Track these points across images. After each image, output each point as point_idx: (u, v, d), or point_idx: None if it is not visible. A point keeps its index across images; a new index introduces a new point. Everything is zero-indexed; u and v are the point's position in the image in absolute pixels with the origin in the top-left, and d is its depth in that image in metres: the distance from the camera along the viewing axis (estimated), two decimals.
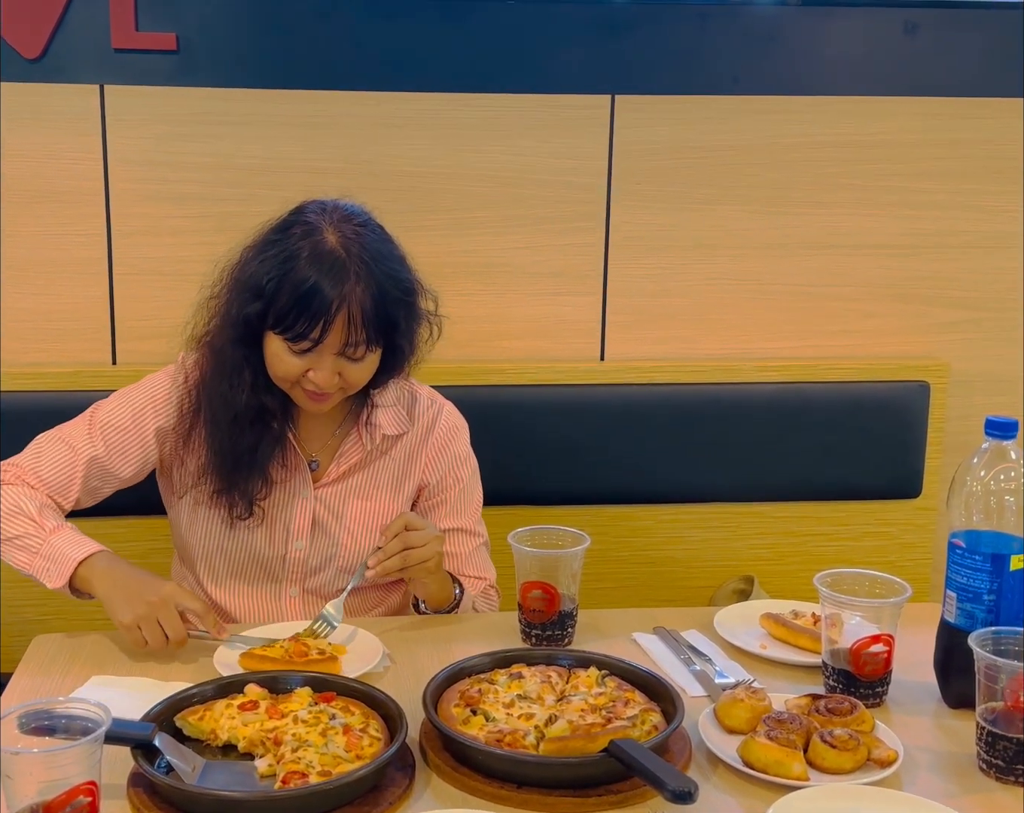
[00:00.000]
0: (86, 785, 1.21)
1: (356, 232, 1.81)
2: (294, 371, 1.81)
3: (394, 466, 2.00)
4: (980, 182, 2.63)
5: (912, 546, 2.71)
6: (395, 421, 1.98)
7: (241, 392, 1.84)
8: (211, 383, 1.88)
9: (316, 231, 1.79)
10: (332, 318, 1.75)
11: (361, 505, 1.98)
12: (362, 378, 1.86)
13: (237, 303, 1.82)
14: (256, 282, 1.79)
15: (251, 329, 1.82)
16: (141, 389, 1.96)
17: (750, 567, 2.63)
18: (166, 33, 2.33)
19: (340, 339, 1.78)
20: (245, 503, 1.89)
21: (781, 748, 1.41)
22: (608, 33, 2.45)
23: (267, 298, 1.78)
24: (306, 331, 1.76)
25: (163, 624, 1.69)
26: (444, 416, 2.04)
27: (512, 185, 2.50)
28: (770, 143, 2.56)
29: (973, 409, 2.66)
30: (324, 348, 1.78)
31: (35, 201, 2.38)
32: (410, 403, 2.02)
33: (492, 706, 1.49)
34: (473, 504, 2.07)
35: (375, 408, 1.96)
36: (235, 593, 1.99)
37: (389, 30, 2.40)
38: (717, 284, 2.60)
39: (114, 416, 1.93)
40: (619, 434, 2.55)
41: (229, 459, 1.86)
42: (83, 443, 1.90)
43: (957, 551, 1.59)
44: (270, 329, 1.80)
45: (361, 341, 1.79)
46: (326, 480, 1.96)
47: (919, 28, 2.54)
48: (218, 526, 1.94)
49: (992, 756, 1.43)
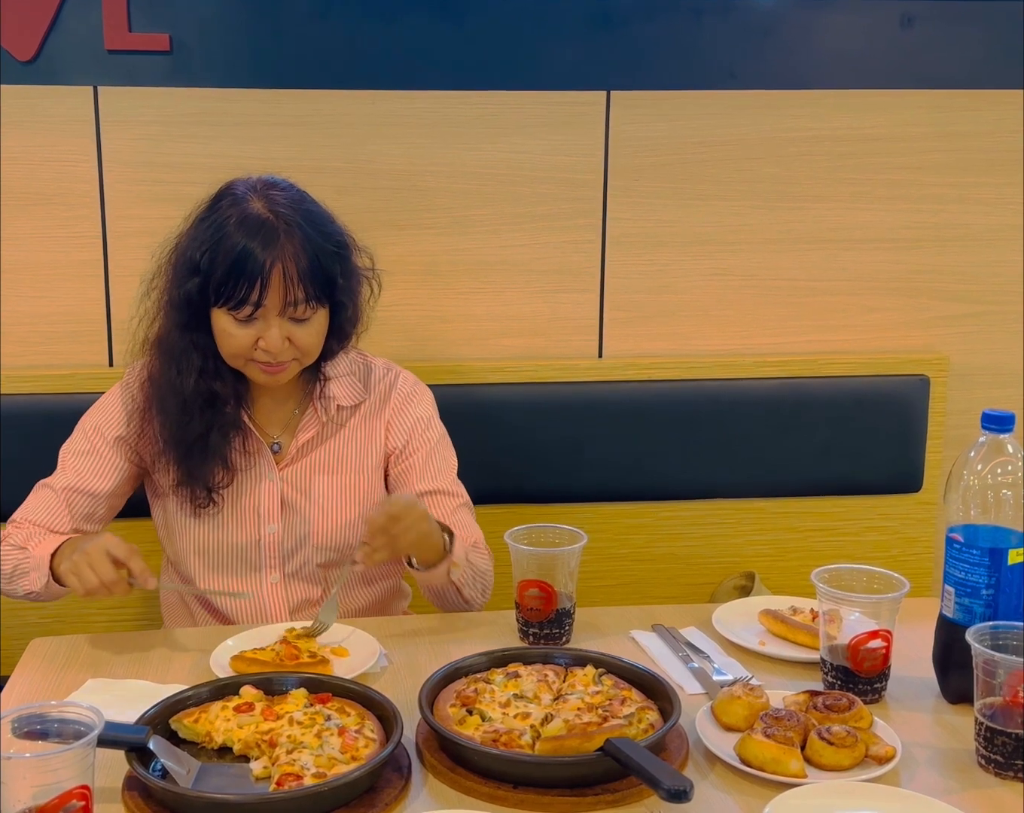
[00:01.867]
0: (79, 789, 1.21)
1: (282, 195, 1.86)
2: (244, 343, 1.84)
3: (355, 438, 2.01)
4: (980, 175, 2.62)
5: (913, 541, 2.70)
6: (349, 392, 2.00)
7: (189, 377, 1.87)
8: (159, 374, 1.90)
9: (243, 200, 1.84)
10: (268, 276, 1.79)
11: (328, 480, 1.98)
12: (313, 342, 1.88)
13: (176, 284, 1.86)
14: (191, 259, 1.83)
15: (194, 309, 1.85)
16: (92, 410, 2.01)
17: (751, 563, 2.62)
18: (159, 34, 2.32)
19: (279, 298, 1.81)
20: (204, 491, 1.91)
21: (778, 745, 1.40)
22: (603, 28, 2.44)
23: (204, 272, 1.81)
24: (245, 295, 1.79)
25: (93, 568, 1.71)
26: (401, 381, 2.06)
27: (508, 182, 2.49)
28: (767, 137, 2.55)
29: (973, 403, 2.65)
30: (267, 311, 1.81)
31: (30, 204, 2.37)
32: (365, 374, 2.04)
33: (488, 706, 1.48)
34: (447, 466, 2.05)
35: (328, 381, 1.98)
36: (217, 586, 1.98)
37: (384, 29, 2.39)
38: (715, 280, 2.60)
39: (73, 444, 1.99)
40: (618, 431, 2.54)
41: (181, 447, 1.88)
42: (57, 479, 1.96)
43: (955, 546, 1.58)
44: (213, 304, 1.83)
45: (300, 298, 1.82)
46: (288, 459, 1.97)
47: (916, 20, 2.53)
48: (188, 519, 1.95)
49: (991, 752, 1.42)
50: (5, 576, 1.88)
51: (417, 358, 2.16)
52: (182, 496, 1.93)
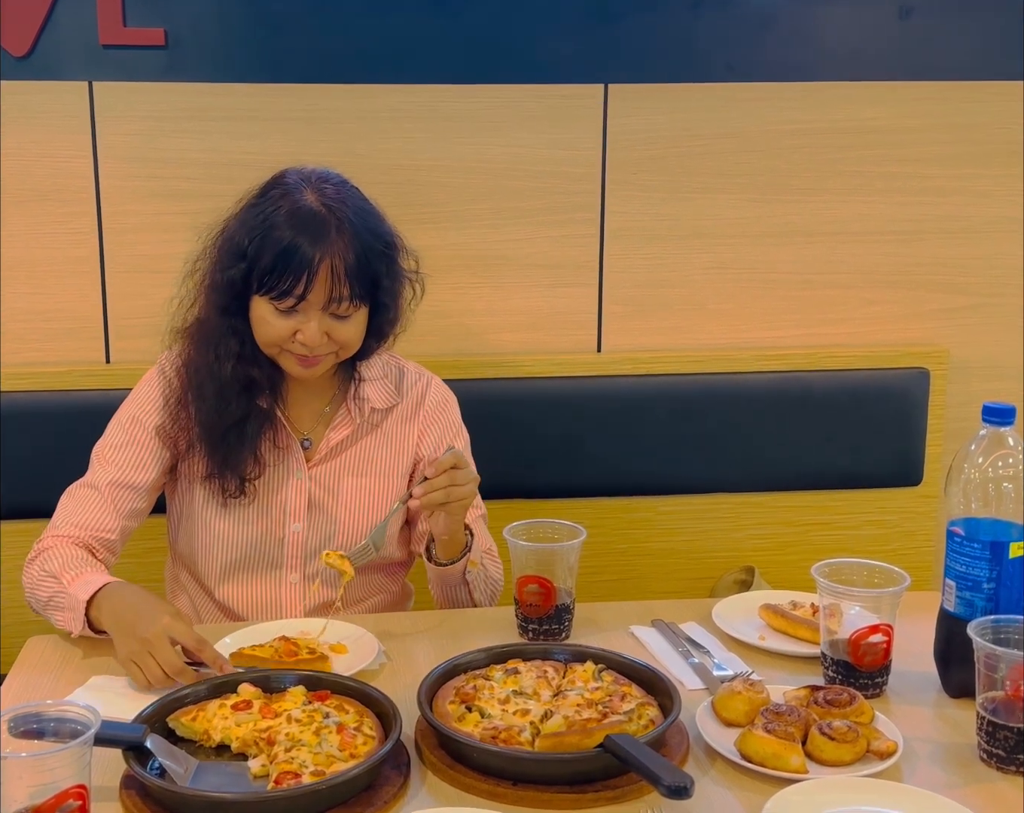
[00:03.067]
0: (76, 788, 1.20)
1: (335, 190, 1.85)
2: (282, 333, 1.82)
3: (387, 441, 2.01)
4: (979, 167, 2.61)
5: (913, 534, 2.70)
6: (383, 394, 2.00)
7: (227, 362, 1.85)
8: (197, 357, 1.89)
9: (295, 191, 1.83)
10: (315, 271, 1.77)
11: (356, 482, 1.98)
12: (350, 338, 1.87)
13: (221, 268, 1.84)
14: (238, 245, 1.81)
15: (236, 294, 1.83)
16: (127, 403, 1.98)
17: (750, 558, 2.62)
18: (154, 28, 2.31)
19: (324, 294, 1.79)
20: (237, 481, 1.89)
21: (779, 741, 1.39)
22: (600, 21, 2.43)
23: (250, 259, 1.80)
24: (290, 287, 1.78)
25: (158, 659, 1.59)
26: (434, 388, 2.06)
27: (506, 177, 2.48)
28: (765, 130, 2.54)
29: (973, 395, 2.64)
30: (309, 305, 1.80)
31: (26, 200, 2.36)
32: (398, 377, 2.04)
33: (487, 702, 1.48)
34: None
35: (362, 382, 1.98)
36: (235, 584, 1.97)
37: (380, 22, 2.38)
38: (714, 273, 2.59)
39: (109, 438, 1.95)
40: (617, 426, 2.54)
41: (217, 432, 1.87)
42: (97, 477, 1.91)
43: (956, 539, 1.58)
44: (255, 292, 1.82)
45: (345, 296, 1.80)
46: (318, 457, 1.96)
47: (914, 12, 2.52)
48: (214, 512, 1.94)
49: (993, 746, 1.41)
50: (41, 602, 1.82)
51: (415, 353, 2.14)
52: (211, 488, 1.91)
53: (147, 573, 2.23)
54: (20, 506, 2.37)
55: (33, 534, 2.38)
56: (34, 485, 2.35)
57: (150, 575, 2.22)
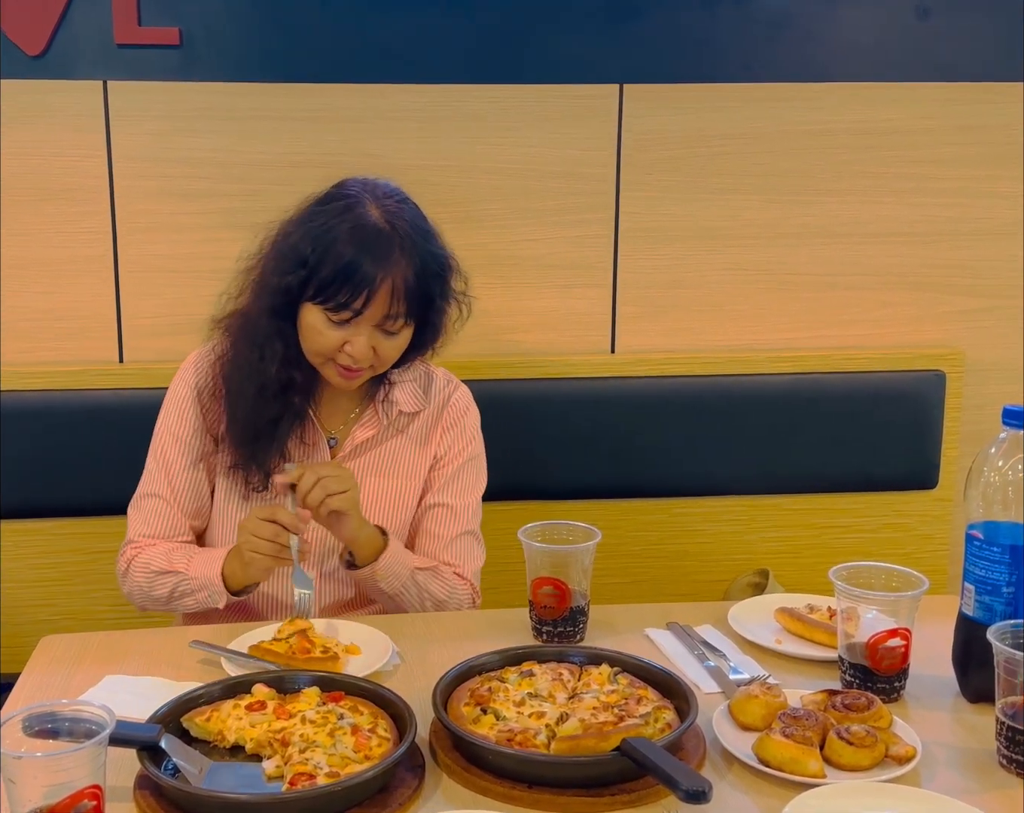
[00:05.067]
0: (90, 788, 1.19)
1: (397, 207, 1.85)
2: (331, 344, 1.83)
3: (411, 445, 2.01)
4: (995, 168, 2.60)
5: (929, 538, 2.69)
6: (412, 398, 2.01)
7: (272, 363, 1.86)
8: (238, 354, 1.89)
9: (359, 204, 1.83)
10: (376, 289, 1.79)
11: (378, 482, 1.98)
12: (394, 355, 1.89)
13: (277, 272, 1.84)
14: (299, 252, 1.82)
15: (289, 299, 1.84)
16: (167, 403, 1.99)
17: (765, 560, 2.61)
18: (169, 27, 2.31)
19: (381, 311, 1.81)
20: (261, 475, 1.90)
21: (797, 745, 1.38)
22: (616, 21, 2.42)
23: (310, 268, 1.80)
24: (348, 301, 1.79)
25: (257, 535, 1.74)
26: (458, 393, 2.07)
27: (520, 177, 2.48)
28: (781, 130, 2.53)
29: (989, 398, 2.63)
30: (363, 320, 1.81)
31: (39, 199, 2.36)
32: (426, 383, 2.05)
33: (503, 704, 1.47)
34: (471, 488, 2.05)
35: (392, 386, 1.99)
36: None
37: (394, 22, 2.38)
38: (728, 274, 2.58)
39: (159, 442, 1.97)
40: (631, 427, 2.53)
41: (251, 430, 1.88)
42: (157, 486, 1.95)
43: (975, 543, 1.56)
44: (309, 300, 1.82)
45: (400, 313, 1.82)
46: (342, 456, 1.97)
47: (931, 12, 2.51)
48: (233, 505, 1.94)
49: (1012, 751, 1.40)
50: (163, 599, 1.90)
51: None
52: (234, 479, 1.93)
53: None
54: (33, 505, 2.38)
55: (35, 533, 2.40)
56: (45, 483, 2.36)
57: None
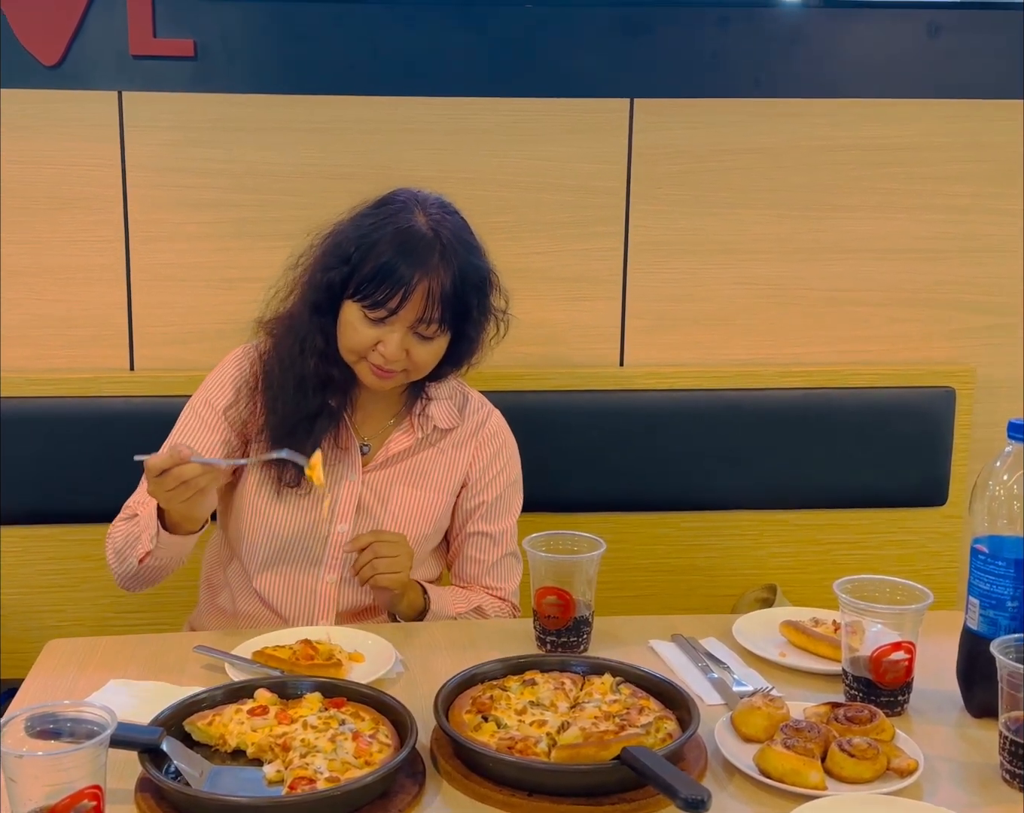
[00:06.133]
0: (91, 789, 1.20)
1: (444, 217, 1.90)
2: (365, 341, 1.87)
3: (442, 458, 2.03)
4: (1005, 185, 2.59)
5: (938, 555, 2.68)
6: (447, 415, 2.04)
7: (311, 357, 1.90)
8: (281, 347, 1.94)
9: (407, 210, 1.88)
10: (412, 289, 1.82)
11: (407, 492, 2.00)
12: (427, 360, 1.91)
13: (322, 268, 1.90)
14: (344, 250, 1.87)
15: (331, 295, 1.89)
16: (199, 390, 2.02)
17: (773, 576, 2.60)
18: (184, 39, 2.33)
19: (415, 313, 1.84)
20: (295, 470, 1.90)
21: (798, 757, 1.38)
22: (627, 36, 2.43)
23: (352, 265, 1.86)
24: (384, 299, 1.83)
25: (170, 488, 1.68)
26: (495, 418, 2.10)
27: (531, 189, 2.48)
28: (792, 146, 2.53)
29: (999, 415, 2.60)
30: (398, 320, 1.84)
31: (53, 207, 2.38)
32: (462, 402, 2.08)
33: (504, 712, 1.47)
34: (508, 512, 2.09)
35: (429, 401, 2.02)
36: (275, 575, 1.98)
37: (406, 35, 2.39)
38: (738, 289, 2.58)
39: (181, 423, 1.99)
40: (639, 440, 2.53)
41: (288, 423, 1.90)
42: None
43: (980, 557, 1.56)
44: (349, 297, 1.86)
45: (435, 318, 1.85)
46: (374, 463, 1.99)
47: (943, 30, 2.51)
48: (265, 499, 1.96)
49: (1015, 766, 1.39)
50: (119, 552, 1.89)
51: None
52: (268, 474, 1.94)
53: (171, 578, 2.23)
54: (43, 511, 2.39)
55: (44, 539, 2.41)
56: (55, 489, 2.37)
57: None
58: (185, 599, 2.19)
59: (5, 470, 2.34)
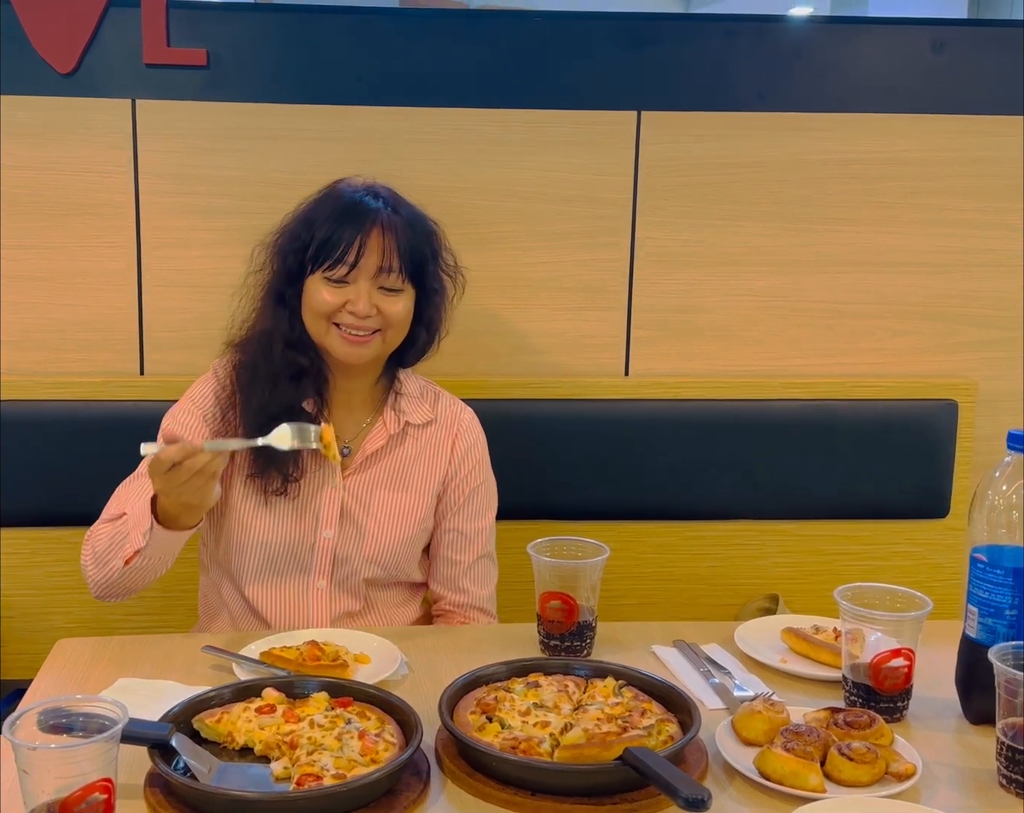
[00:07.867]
0: (102, 782, 1.22)
1: (385, 189, 2.00)
2: (333, 304, 1.91)
3: (421, 458, 2.05)
4: (1008, 200, 2.61)
5: (940, 567, 2.69)
6: (420, 410, 2.06)
7: (278, 345, 1.94)
8: (250, 352, 1.97)
9: (342, 182, 2.01)
10: (367, 236, 1.89)
11: (388, 496, 2.01)
12: (398, 315, 1.94)
13: (280, 255, 1.96)
14: (295, 234, 1.95)
15: (291, 279, 1.94)
16: (180, 400, 2.04)
17: (775, 586, 2.61)
18: (197, 49, 2.36)
19: (376, 261, 1.90)
20: (280, 478, 1.93)
21: (798, 759, 1.40)
22: (634, 49, 2.46)
23: (304, 241, 1.92)
24: (343, 253, 1.89)
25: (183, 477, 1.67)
26: (469, 416, 2.12)
27: (537, 200, 2.51)
28: (796, 160, 2.55)
29: (1001, 428, 2.59)
30: (360, 272, 1.90)
31: (67, 213, 2.41)
32: (433, 398, 2.10)
33: (508, 714, 1.49)
34: (483, 509, 2.10)
35: (400, 396, 2.04)
36: (265, 586, 2.00)
37: (415, 46, 2.42)
38: (743, 300, 2.60)
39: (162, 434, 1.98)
40: (643, 450, 2.54)
41: (263, 415, 1.90)
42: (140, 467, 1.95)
43: (979, 566, 1.58)
44: (310, 272, 1.92)
45: (395, 267, 1.91)
46: (353, 467, 2.00)
47: (947, 46, 2.54)
48: (251, 511, 1.97)
49: (1012, 771, 1.41)
50: (101, 555, 1.85)
51: (442, 373, 2.17)
52: (252, 487, 1.96)
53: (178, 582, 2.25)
54: (53, 513, 2.41)
55: (54, 541, 2.42)
56: (66, 492, 2.39)
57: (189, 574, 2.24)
58: (191, 602, 2.20)
59: (15, 472, 2.37)
